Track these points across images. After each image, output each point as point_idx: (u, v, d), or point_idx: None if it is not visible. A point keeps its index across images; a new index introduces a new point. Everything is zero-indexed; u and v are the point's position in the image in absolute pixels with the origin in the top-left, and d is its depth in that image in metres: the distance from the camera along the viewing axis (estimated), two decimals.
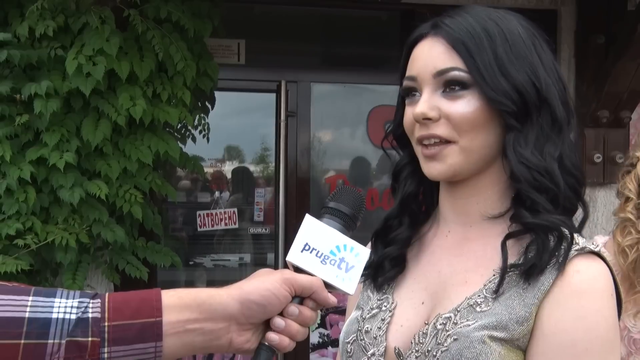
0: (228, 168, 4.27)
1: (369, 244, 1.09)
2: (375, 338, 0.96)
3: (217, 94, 3.36)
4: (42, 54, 2.81)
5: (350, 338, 1.00)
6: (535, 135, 0.91)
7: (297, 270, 0.86)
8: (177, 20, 2.87)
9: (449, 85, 0.92)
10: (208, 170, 4.11)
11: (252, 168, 4.25)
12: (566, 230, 0.89)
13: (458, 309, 0.90)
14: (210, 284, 3.99)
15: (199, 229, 3.86)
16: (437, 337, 0.89)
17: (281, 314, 0.83)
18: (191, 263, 4.00)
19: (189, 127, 3.22)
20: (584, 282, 0.85)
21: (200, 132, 3.24)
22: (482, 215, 0.95)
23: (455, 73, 0.91)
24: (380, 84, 3.76)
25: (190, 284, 3.96)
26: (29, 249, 2.71)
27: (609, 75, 3.35)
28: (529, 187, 0.89)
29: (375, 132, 3.87)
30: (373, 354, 0.95)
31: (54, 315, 0.74)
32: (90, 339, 0.74)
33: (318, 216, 0.90)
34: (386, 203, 3.77)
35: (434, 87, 0.93)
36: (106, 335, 0.75)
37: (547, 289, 0.86)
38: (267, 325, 0.84)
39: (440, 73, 0.92)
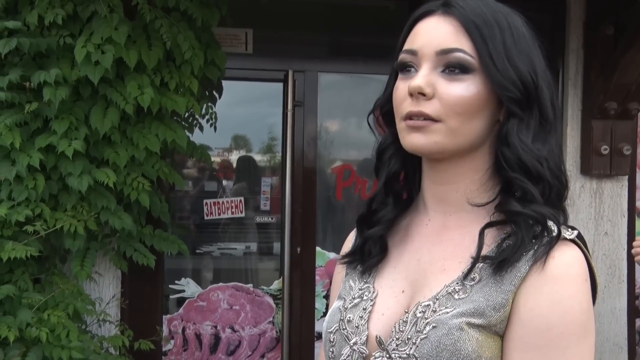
0: (235, 157, 4.29)
1: (354, 230, 1.09)
2: (357, 327, 0.97)
3: (224, 83, 3.37)
4: (52, 42, 2.82)
5: (332, 328, 1.00)
6: (533, 128, 0.92)
7: None
8: (185, 9, 2.88)
9: (450, 67, 0.91)
10: (215, 159, 4.13)
11: (259, 157, 4.26)
12: (551, 223, 0.89)
13: (437, 297, 0.91)
14: (217, 272, 4.02)
15: (205, 218, 3.89)
16: (416, 325, 0.90)
17: None
18: (198, 251, 4.02)
19: (197, 116, 3.24)
20: (558, 268, 0.86)
21: (207, 121, 3.25)
22: (462, 204, 0.95)
23: (460, 55, 0.90)
24: (387, 74, 3.75)
25: (197, 272, 3.99)
26: (38, 235, 2.74)
27: (618, 66, 3.33)
28: (526, 176, 0.90)
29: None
30: (355, 343, 0.96)
31: None
32: None
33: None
34: None
35: (434, 65, 0.92)
36: None
37: (524, 275, 0.87)
38: None
39: (444, 52, 0.91)
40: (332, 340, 0.99)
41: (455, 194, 0.96)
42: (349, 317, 0.98)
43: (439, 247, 0.96)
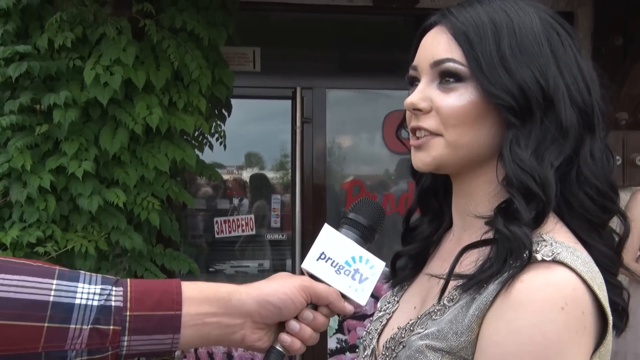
0: (248, 174, 4.30)
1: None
2: (371, 339, 0.98)
3: (235, 101, 3.39)
4: (61, 65, 2.86)
5: (362, 338, 1.03)
6: (537, 138, 0.83)
7: (312, 277, 0.89)
8: (192, 29, 2.91)
9: (444, 77, 0.88)
10: (228, 177, 4.14)
11: (271, 174, 4.27)
12: (533, 247, 0.80)
13: (419, 316, 0.88)
14: None
15: (216, 236, 3.90)
16: (394, 343, 0.90)
17: (296, 318, 0.87)
18: (211, 270, 4.02)
19: (206, 135, 3.25)
20: (523, 292, 0.76)
21: (217, 139, 3.27)
22: (473, 218, 0.91)
23: (450, 64, 0.86)
24: (395, 89, 3.76)
25: None
26: (50, 256, 2.76)
27: (627, 76, 3.32)
28: (518, 192, 0.82)
29: (390, 137, 3.87)
30: (366, 355, 0.98)
31: (77, 301, 0.77)
32: (111, 327, 0.77)
33: (337, 226, 0.91)
34: (402, 208, 3.77)
35: (431, 78, 0.89)
36: (127, 324, 0.78)
37: (490, 300, 0.79)
38: (279, 327, 0.87)
39: (437, 63, 0.88)
40: (358, 350, 1.03)
41: (469, 208, 0.91)
42: (370, 329, 1.00)
43: (447, 263, 0.91)
